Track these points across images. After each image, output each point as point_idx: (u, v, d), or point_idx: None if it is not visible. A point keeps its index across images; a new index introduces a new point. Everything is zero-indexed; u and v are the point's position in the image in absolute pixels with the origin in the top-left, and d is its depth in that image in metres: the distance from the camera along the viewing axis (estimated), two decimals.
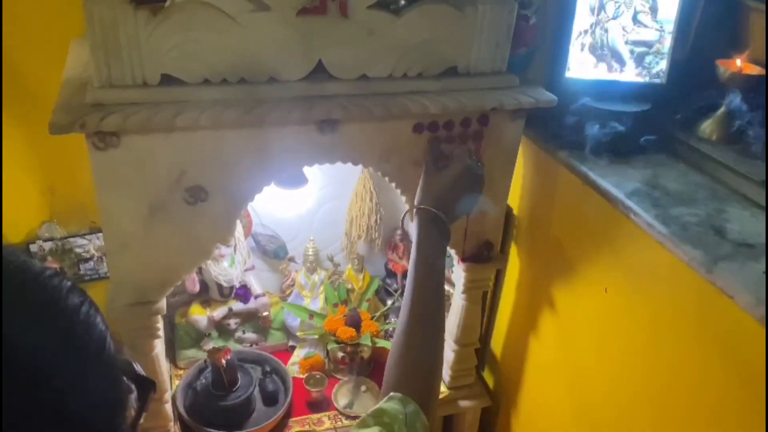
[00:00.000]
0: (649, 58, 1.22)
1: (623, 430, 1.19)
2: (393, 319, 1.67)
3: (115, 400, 0.49)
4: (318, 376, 1.51)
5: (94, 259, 1.55)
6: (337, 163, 1.13)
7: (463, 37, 1.08)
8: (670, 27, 1.19)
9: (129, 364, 0.53)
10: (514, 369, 1.58)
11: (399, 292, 1.70)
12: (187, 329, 1.56)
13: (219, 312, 1.56)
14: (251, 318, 1.61)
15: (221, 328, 1.58)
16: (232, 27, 0.96)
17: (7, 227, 1.46)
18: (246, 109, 0.98)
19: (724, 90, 1.16)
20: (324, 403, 1.49)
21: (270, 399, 1.45)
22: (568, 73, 1.24)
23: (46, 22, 1.29)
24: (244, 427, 1.38)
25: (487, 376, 1.71)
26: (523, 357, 1.53)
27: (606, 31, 1.21)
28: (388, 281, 1.73)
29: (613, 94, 1.23)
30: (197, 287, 1.56)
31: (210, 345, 1.53)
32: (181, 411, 1.38)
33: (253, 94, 1.00)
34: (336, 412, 1.47)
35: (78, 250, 1.53)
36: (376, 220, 1.65)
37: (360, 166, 1.17)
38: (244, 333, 1.60)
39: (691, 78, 1.22)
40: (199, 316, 1.55)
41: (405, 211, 1.01)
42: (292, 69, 1.02)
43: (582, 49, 1.23)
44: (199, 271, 1.55)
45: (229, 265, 1.54)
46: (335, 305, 1.63)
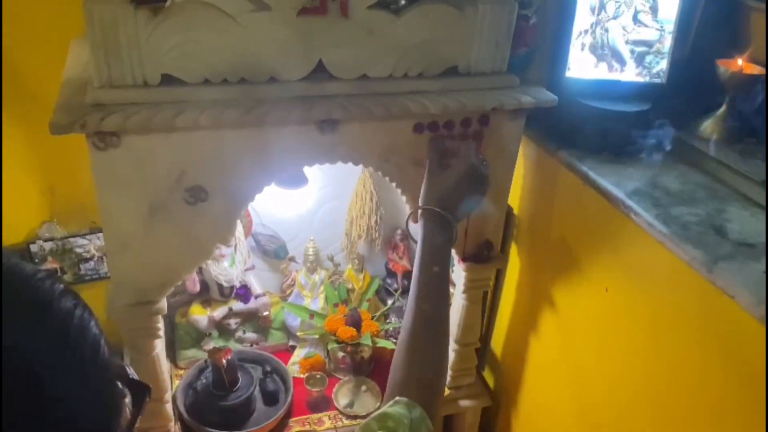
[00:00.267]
0: (649, 58, 1.22)
1: (624, 429, 1.19)
2: (393, 318, 1.67)
3: (110, 405, 0.49)
4: (318, 376, 1.51)
5: (95, 259, 1.55)
6: (338, 163, 1.13)
7: (464, 37, 1.08)
8: (670, 27, 1.19)
9: (122, 368, 0.52)
10: (514, 369, 1.58)
11: (399, 291, 1.70)
12: (187, 329, 1.56)
13: (219, 312, 1.56)
14: (251, 318, 1.61)
15: (222, 327, 1.58)
16: (232, 27, 0.96)
17: (7, 227, 1.46)
18: (246, 109, 0.98)
19: (724, 90, 1.16)
20: (324, 403, 1.49)
21: (270, 399, 1.45)
22: (569, 73, 1.24)
23: (46, 22, 1.29)
24: (245, 426, 1.38)
25: (487, 376, 1.71)
26: (524, 357, 1.53)
27: (606, 30, 1.21)
28: (389, 281, 1.73)
29: (613, 94, 1.23)
30: (197, 287, 1.56)
31: (210, 345, 1.53)
32: (182, 411, 1.38)
33: (254, 94, 1.00)
34: (336, 412, 1.47)
35: (78, 250, 1.53)
36: (376, 220, 1.65)
37: (360, 166, 1.16)
38: (245, 333, 1.60)
39: (692, 78, 1.23)
40: (200, 315, 1.55)
41: (410, 212, 1.00)
42: (293, 69, 1.02)
43: (582, 48, 1.23)
44: (200, 271, 1.55)
45: (230, 264, 1.54)
46: (335, 305, 1.63)
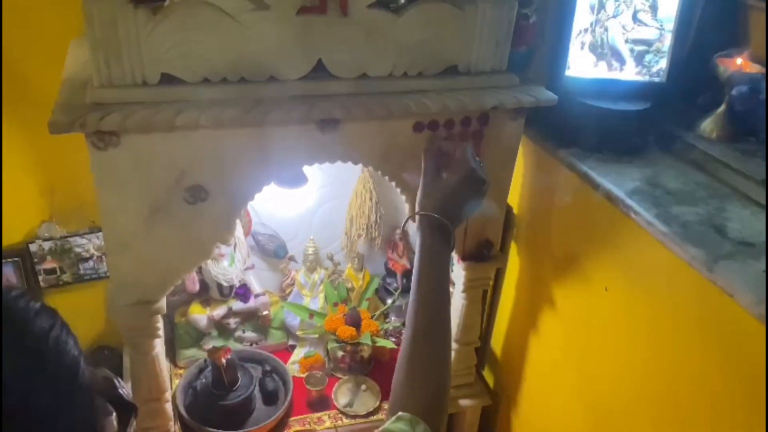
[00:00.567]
0: (649, 57, 1.22)
1: (624, 427, 1.20)
2: (393, 318, 1.67)
3: (89, 424, 0.47)
4: (318, 375, 1.51)
5: (94, 258, 1.55)
6: (337, 162, 1.13)
7: (464, 36, 1.08)
8: (670, 25, 1.19)
9: (111, 383, 0.50)
10: (514, 368, 1.58)
11: (399, 291, 1.70)
12: (187, 328, 1.56)
13: (219, 311, 1.56)
14: (251, 317, 1.61)
15: (221, 327, 1.58)
16: (231, 26, 0.96)
17: (6, 227, 1.46)
18: (246, 108, 0.98)
19: (724, 88, 1.16)
20: (324, 402, 1.49)
21: (270, 398, 1.45)
22: (568, 72, 1.24)
23: (46, 22, 1.29)
24: (245, 426, 1.38)
25: (487, 375, 1.71)
26: (523, 356, 1.53)
27: (606, 29, 1.21)
28: (388, 280, 1.73)
29: (613, 93, 1.23)
30: (197, 286, 1.56)
31: (210, 344, 1.53)
32: (181, 410, 1.38)
33: (253, 94, 1.00)
34: (336, 411, 1.47)
35: (78, 250, 1.53)
36: (375, 219, 1.65)
37: (360, 166, 1.16)
38: (244, 332, 1.60)
39: (691, 76, 1.22)
40: (199, 315, 1.55)
41: (406, 218, 0.98)
42: (292, 68, 1.02)
43: (582, 47, 1.22)
44: (199, 271, 1.55)
45: (229, 264, 1.54)
46: (335, 304, 1.63)
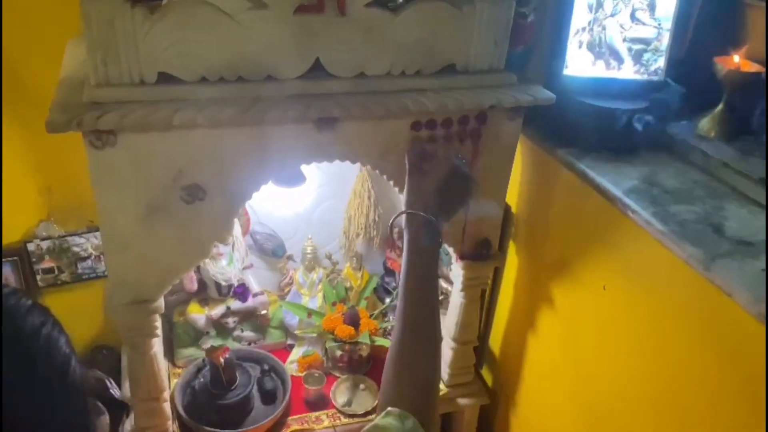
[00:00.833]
0: (647, 56, 1.22)
1: (622, 426, 1.20)
2: (391, 317, 1.67)
3: (80, 424, 0.47)
4: (316, 375, 1.51)
5: (92, 257, 1.55)
6: (335, 161, 1.13)
7: (461, 35, 1.08)
8: (668, 24, 1.19)
9: (103, 383, 0.51)
10: (512, 367, 1.58)
11: (397, 290, 1.70)
12: (185, 328, 1.56)
13: (217, 310, 1.56)
14: (249, 316, 1.61)
15: (219, 326, 1.58)
16: (229, 25, 0.96)
17: (4, 226, 1.46)
18: (244, 107, 0.98)
19: (722, 87, 1.16)
20: (322, 402, 1.48)
21: (268, 397, 1.45)
22: (566, 71, 1.24)
23: (44, 22, 1.29)
24: (243, 425, 1.38)
25: (485, 374, 1.71)
26: (522, 355, 1.53)
27: (604, 28, 1.21)
28: (387, 279, 1.73)
29: (611, 92, 1.23)
30: (195, 286, 1.56)
31: (208, 344, 1.53)
32: (180, 410, 1.37)
33: (251, 93, 1.00)
34: (334, 411, 1.47)
35: (76, 249, 1.53)
36: (374, 219, 1.65)
37: (358, 165, 1.16)
38: (243, 331, 1.60)
39: (689, 75, 1.22)
40: (198, 314, 1.55)
41: (393, 216, 0.99)
42: (290, 67, 1.02)
43: (580, 46, 1.22)
44: (198, 270, 1.54)
45: (228, 263, 1.54)
46: (334, 303, 1.63)
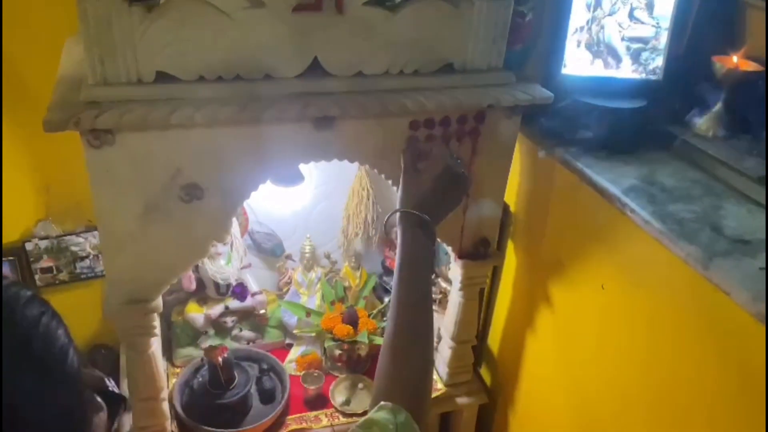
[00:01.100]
0: (645, 55, 1.22)
1: (621, 425, 1.20)
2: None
3: (78, 416, 0.48)
4: (315, 374, 1.51)
5: (90, 257, 1.55)
6: (333, 160, 1.12)
7: (459, 34, 1.08)
8: (666, 23, 1.19)
9: (101, 380, 0.51)
10: (511, 366, 1.58)
11: None
12: (183, 327, 1.56)
13: (216, 310, 1.56)
14: (248, 316, 1.61)
15: (218, 326, 1.58)
16: (227, 24, 0.95)
17: (2, 226, 1.46)
18: (242, 106, 0.98)
19: (720, 86, 1.16)
20: (321, 401, 1.48)
21: (267, 397, 1.45)
22: (565, 70, 1.24)
23: (42, 21, 1.29)
24: (242, 425, 1.38)
25: (484, 373, 1.71)
26: (520, 354, 1.53)
27: (602, 27, 1.21)
28: (386, 278, 1.73)
29: (609, 91, 1.23)
30: (194, 285, 1.56)
31: (207, 343, 1.53)
32: (178, 409, 1.37)
33: (249, 92, 1.00)
34: (333, 410, 1.47)
35: (74, 249, 1.53)
36: (372, 218, 1.65)
37: (357, 164, 1.16)
38: (241, 331, 1.60)
39: (688, 74, 1.22)
40: (196, 314, 1.55)
41: (387, 215, 0.99)
42: (288, 66, 1.02)
43: (578, 45, 1.22)
44: (196, 269, 1.54)
45: (226, 263, 1.54)
46: (332, 303, 1.63)
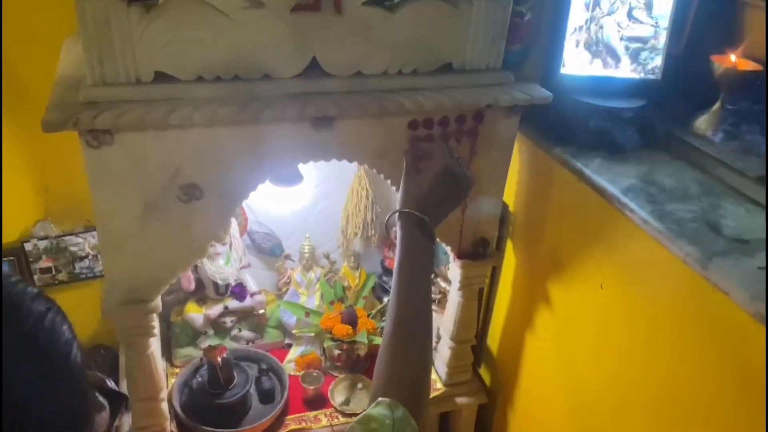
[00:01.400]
0: (644, 54, 1.22)
1: (620, 424, 1.20)
2: None
3: (79, 412, 0.48)
4: (314, 374, 1.51)
5: (90, 257, 1.55)
6: (332, 160, 1.12)
7: (458, 34, 1.08)
8: (665, 23, 1.19)
9: (102, 380, 0.52)
10: (510, 365, 1.58)
11: None
12: (183, 327, 1.56)
13: (215, 310, 1.56)
14: (247, 316, 1.61)
15: (217, 326, 1.58)
16: (225, 24, 0.95)
17: (2, 226, 1.46)
18: (240, 106, 0.98)
19: (719, 85, 1.16)
20: (320, 401, 1.48)
21: (266, 397, 1.45)
22: (563, 70, 1.24)
23: (40, 21, 1.29)
24: (241, 425, 1.38)
25: (483, 373, 1.71)
26: (520, 353, 1.53)
27: (601, 27, 1.21)
28: (385, 278, 1.73)
29: (608, 91, 1.23)
30: (193, 285, 1.56)
31: (206, 343, 1.53)
32: (177, 409, 1.37)
33: (248, 92, 1.00)
34: (332, 410, 1.47)
35: (73, 249, 1.53)
36: (372, 218, 1.65)
37: (356, 164, 1.16)
38: (240, 331, 1.60)
39: (687, 74, 1.23)
40: (195, 314, 1.55)
41: (387, 215, 0.99)
42: (287, 66, 1.02)
43: (577, 45, 1.22)
44: (195, 269, 1.54)
45: (225, 263, 1.54)
46: (331, 303, 1.63)
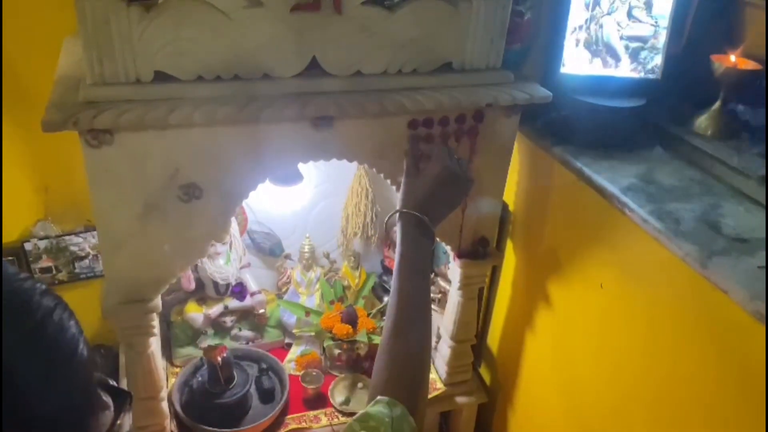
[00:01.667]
0: (644, 54, 1.22)
1: (620, 423, 1.20)
2: None
3: (83, 406, 0.49)
4: (314, 373, 1.51)
5: (90, 257, 1.55)
6: (332, 160, 1.12)
7: (458, 33, 1.08)
8: (664, 22, 1.19)
9: (106, 379, 0.53)
10: (510, 365, 1.58)
11: None
12: (183, 327, 1.56)
13: (215, 309, 1.56)
14: (247, 315, 1.61)
15: (217, 325, 1.58)
16: (225, 23, 0.95)
17: (2, 226, 1.46)
18: (240, 106, 0.98)
19: (719, 85, 1.16)
20: (320, 400, 1.48)
21: (266, 396, 1.45)
22: (563, 69, 1.24)
23: (40, 21, 1.29)
24: (241, 424, 1.38)
25: (483, 372, 1.71)
26: (520, 353, 1.53)
27: (601, 26, 1.21)
28: (385, 278, 1.73)
29: (608, 90, 1.23)
30: (193, 285, 1.56)
31: (206, 343, 1.53)
32: (178, 409, 1.37)
33: (247, 91, 1.00)
34: (332, 409, 1.47)
35: (73, 249, 1.53)
36: (372, 217, 1.65)
37: (356, 163, 1.16)
38: (240, 330, 1.60)
39: (686, 73, 1.23)
40: (195, 313, 1.55)
41: (388, 215, 1.00)
42: (286, 66, 1.02)
43: (577, 44, 1.22)
44: (195, 269, 1.54)
45: (225, 262, 1.54)
46: (331, 302, 1.63)
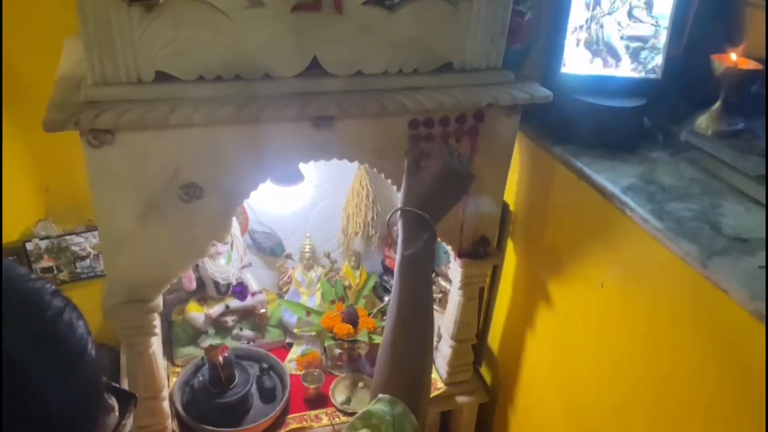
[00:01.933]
0: (644, 54, 1.22)
1: (620, 422, 1.20)
2: None
3: (89, 407, 0.50)
4: (315, 373, 1.51)
5: (91, 257, 1.55)
6: (333, 159, 1.13)
7: (458, 33, 1.08)
8: (665, 22, 1.19)
9: (109, 382, 0.53)
10: (511, 364, 1.58)
11: None
12: (184, 327, 1.56)
13: (216, 309, 1.56)
14: (248, 315, 1.61)
15: (218, 325, 1.58)
16: (226, 23, 0.96)
17: (3, 226, 1.46)
18: (241, 106, 0.98)
19: (719, 85, 1.16)
20: (321, 400, 1.49)
21: (267, 396, 1.45)
22: (564, 69, 1.24)
23: (41, 21, 1.29)
24: (242, 423, 1.38)
25: (484, 372, 1.71)
26: (520, 352, 1.53)
27: (601, 26, 1.21)
28: (385, 278, 1.73)
29: (608, 90, 1.23)
30: (194, 285, 1.56)
31: (207, 342, 1.53)
32: (179, 408, 1.38)
33: (248, 91, 1.00)
34: (333, 409, 1.47)
35: (74, 248, 1.53)
36: (372, 217, 1.65)
37: (356, 163, 1.16)
38: (241, 330, 1.60)
39: (687, 73, 1.23)
40: (196, 313, 1.55)
41: (389, 214, 1.00)
42: (287, 66, 1.02)
43: (577, 44, 1.23)
44: (196, 269, 1.55)
45: (226, 262, 1.54)
46: (332, 302, 1.63)
